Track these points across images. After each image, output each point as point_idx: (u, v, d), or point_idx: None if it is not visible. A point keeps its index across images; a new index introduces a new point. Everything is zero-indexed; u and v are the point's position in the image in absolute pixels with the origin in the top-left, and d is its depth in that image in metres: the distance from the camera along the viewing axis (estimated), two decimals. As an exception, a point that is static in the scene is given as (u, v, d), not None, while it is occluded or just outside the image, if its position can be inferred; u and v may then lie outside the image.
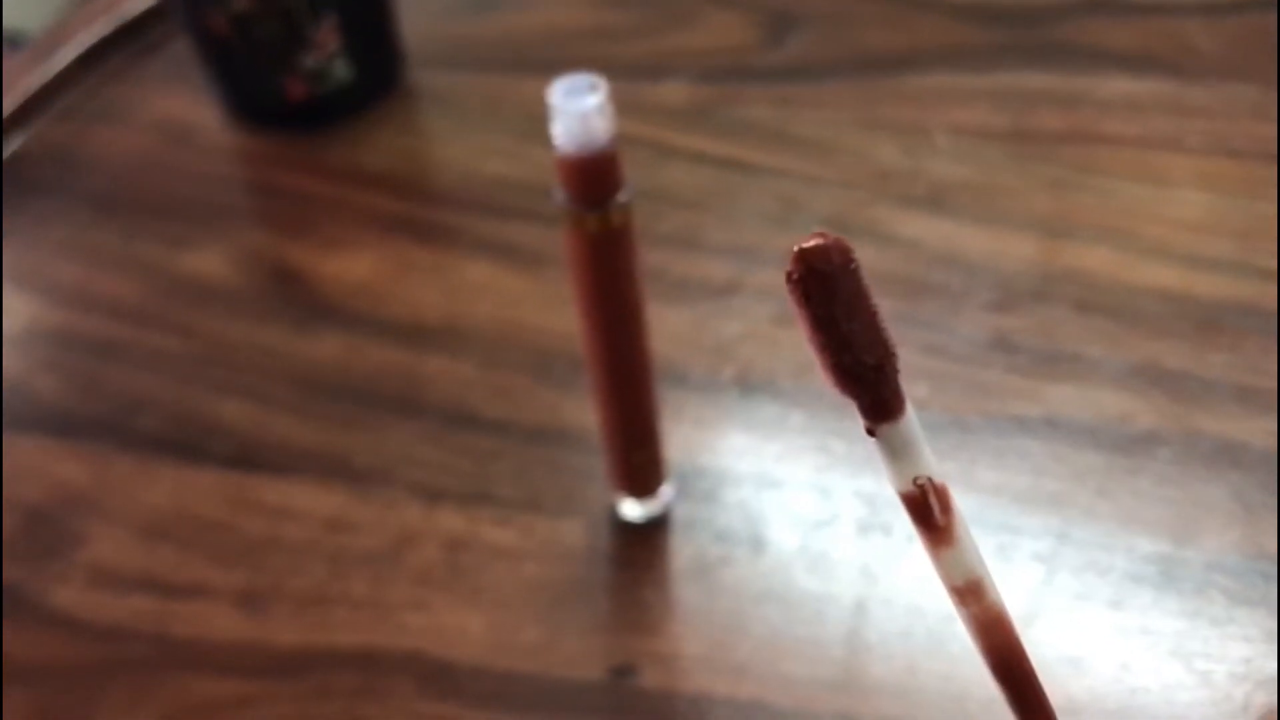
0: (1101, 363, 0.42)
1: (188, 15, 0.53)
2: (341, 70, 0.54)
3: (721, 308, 0.46)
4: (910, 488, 0.21)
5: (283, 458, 0.43)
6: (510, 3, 0.60)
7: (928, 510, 0.22)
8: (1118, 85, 0.52)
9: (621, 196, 0.32)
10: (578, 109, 0.30)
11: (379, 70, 0.55)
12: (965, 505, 0.40)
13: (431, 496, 0.42)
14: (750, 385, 0.43)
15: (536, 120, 0.55)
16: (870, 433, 0.21)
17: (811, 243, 0.19)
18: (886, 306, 0.46)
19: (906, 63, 0.54)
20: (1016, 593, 0.37)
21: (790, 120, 0.52)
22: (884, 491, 0.40)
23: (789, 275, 0.19)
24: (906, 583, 0.38)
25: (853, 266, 0.19)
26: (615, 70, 0.56)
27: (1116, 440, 0.40)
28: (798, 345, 0.44)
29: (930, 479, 0.22)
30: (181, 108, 0.56)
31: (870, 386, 0.21)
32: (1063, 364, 0.43)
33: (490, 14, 0.60)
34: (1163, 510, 0.38)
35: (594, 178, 0.31)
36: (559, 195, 0.32)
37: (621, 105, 0.54)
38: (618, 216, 0.32)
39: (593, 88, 0.30)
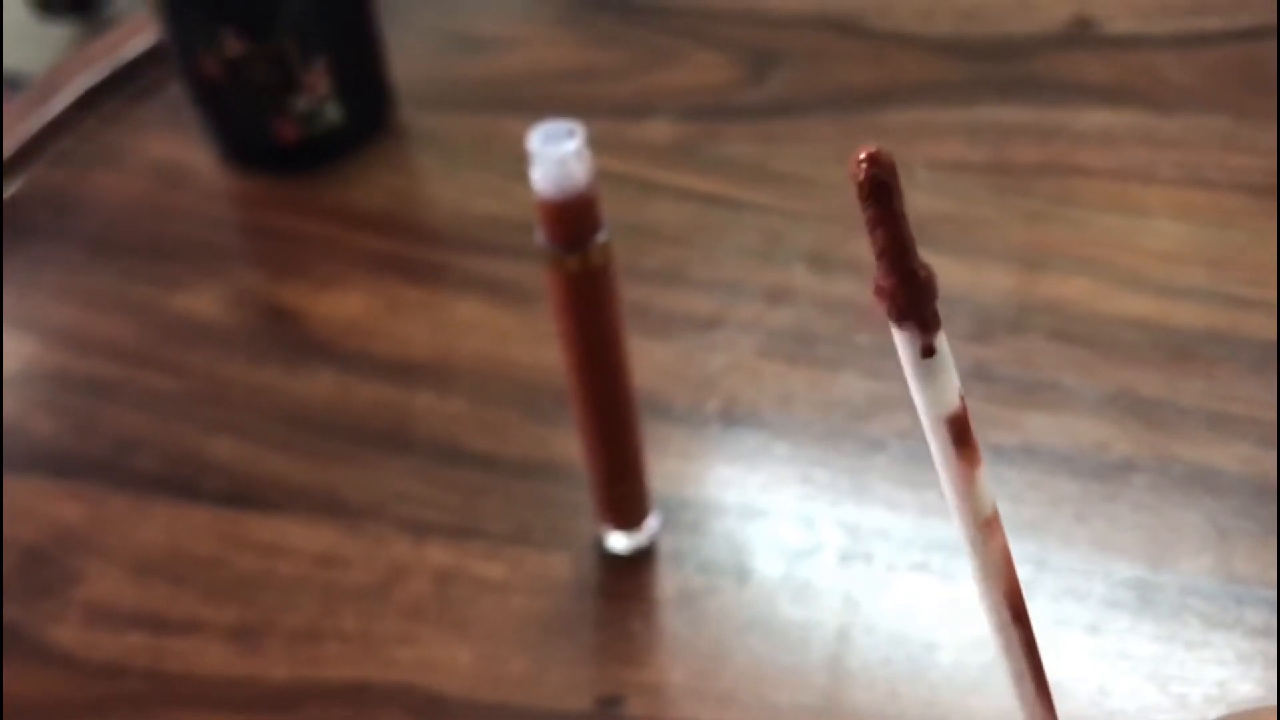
0: (1077, 391, 0.43)
1: (181, 59, 0.54)
2: (332, 112, 0.55)
3: (705, 341, 0.46)
4: (955, 405, 0.22)
5: (275, 495, 0.44)
6: (496, 44, 0.61)
7: (967, 429, 0.22)
8: (1093, 118, 0.53)
9: (600, 237, 0.33)
10: (556, 154, 0.31)
11: (369, 112, 0.56)
12: (943, 537, 0.41)
13: (420, 531, 0.42)
14: (734, 417, 0.44)
15: (524, 159, 0.56)
16: (928, 351, 0.21)
17: (872, 148, 0.20)
18: (868, 338, 0.47)
19: (885, 98, 0.55)
20: (996, 619, 0.38)
21: (772, 156, 0.53)
22: (865, 521, 0.41)
23: (859, 173, 0.20)
24: (888, 610, 0.39)
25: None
26: (600, 109, 0.57)
27: (1093, 468, 0.41)
28: (781, 377, 0.45)
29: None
30: (176, 150, 0.57)
31: (928, 294, 0.21)
32: (1039, 393, 0.43)
33: (477, 55, 0.61)
34: (1139, 536, 0.39)
35: (573, 220, 0.32)
36: (539, 237, 0.33)
37: (606, 143, 0.55)
38: (597, 257, 0.33)
39: (570, 133, 0.31)
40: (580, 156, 0.31)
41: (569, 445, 0.44)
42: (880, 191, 0.20)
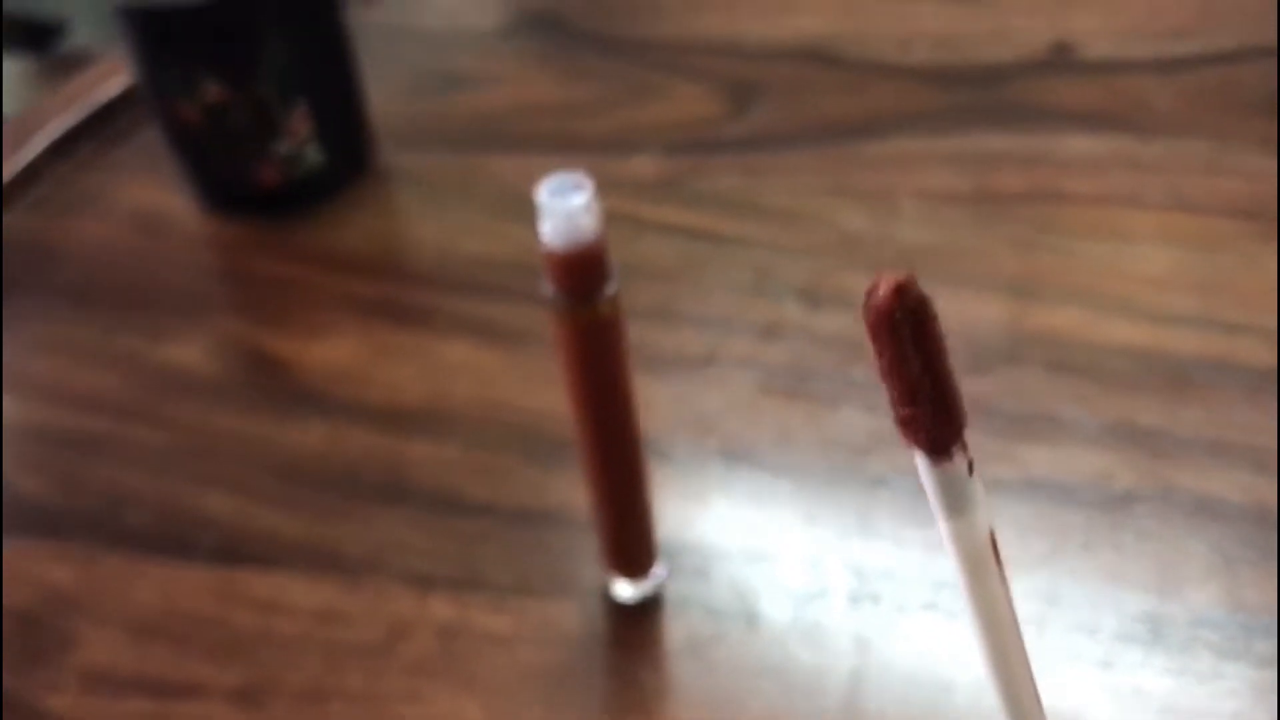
0: (1076, 423, 0.43)
1: (159, 106, 0.53)
2: (313, 155, 0.54)
3: (700, 379, 0.46)
4: (988, 520, 0.21)
5: (271, 550, 0.43)
6: (475, 81, 0.61)
7: (997, 544, 0.22)
8: (1076, 144, 0.53)
9: (609, 289, 0.32)
10: (565, 207, 0.30)
11: (350, 154, 0.56)
12: (950, 575, 0.41)
13: (422, 584, 0.42)
14: (734, 457, 0.44)
15: (509, 198, 0.56)
16: (971, 467, 0.20)
17: (891, 280, 0.18)
18: (864, 372, 0.47)
19: (868, 129, 0.55)
20: (1007, 656, 0.38)
21: (758, 190, 0.53)
22: (872, 560, 0.40)
23: (889, 316, 0.18)
24: (901, 651, 0.38)
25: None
26: (583, 145, 0.57)
27: (1096, 499, 0.41)
28: (780, 414, 0.45)
29: None
30: (153, 196, 0.57)
31: (963, 416, 0.20)
32: (1038, 425, 0.43)
33: (457, 93, 0.60)
34: (1146, 567, 0.39)
35: (582, 272, 0.32)
36: (548, 289, 0.33)
37: (594, 179, 0.55)
38: (606, 308, 0.32)
39: (579, 186, 0.30)
40: (589, 209, 0.30)
41: (567, 490, 0.44)
42: (920, 321, 0.18)
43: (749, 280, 0.50)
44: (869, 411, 0.44)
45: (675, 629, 0.40)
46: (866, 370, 0.46)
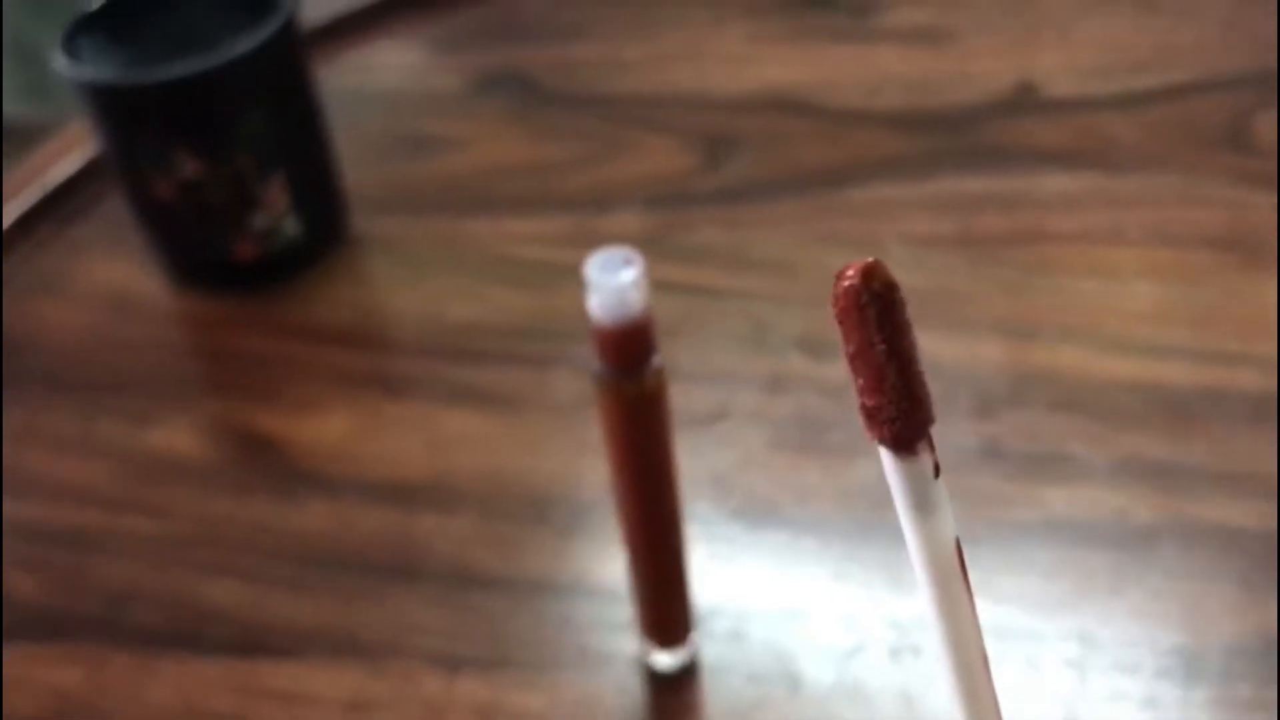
0: (1088, 461, 0.44)
1: (130, 182, 0.52)
2: (291, 227, 0.53)
3: (711, 438, 0.46)
4: (953, 530, 0.21)
5: (287, 639, 0.42)
6: (446, 144, 0.60)
7: (962, 554, 0.22)
8: (1053, 183, 0.54)
9: (655, 362, 0.32)
10: (614, 283, 0.30)
11: (327, 223, 0.55)
12: (986, 621, 0.41)
13: (450, 666, 0.41)
14: (756, 515, 0.43)
15: (490, 260, 0.55)
16: (937, 470, 0.20)
17: (859, 264, 0.19)
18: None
19: (847, 177, 0.55)
20: (1052, 701, 0.38)
21: (745, 242, 0.53)
22: (908, 612, 0.40)
23: (856, 299, 0.19)
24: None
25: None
26: (561, 203, 0.57)
27: (1118, 537, 0.41)
28: (795, 469, 0.45)
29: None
30: (121, 274, 0.55)
31: (931, 410, 0.20)
32: (1051, 465, 0.44)
33: (428, 157, 0.60)
34: (1176, 603, 0.40)
35: (630, 347, 0.31)
36: (594, 364, 0.32)
37: (573, 238, 0.55)
38: (652, 382, 0.32)
39: (628, 261, 0.30)
40: (638, 285, 0.30)
41: (588, 557, 0.43)
42: (888, 302, 0.19)
43: (748, 333, 0.50)
44: (883, 461, 0.44)
45: (717, 697, 0.39)
46: (876, 419, 0.46)
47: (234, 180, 0.50)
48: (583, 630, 0.41)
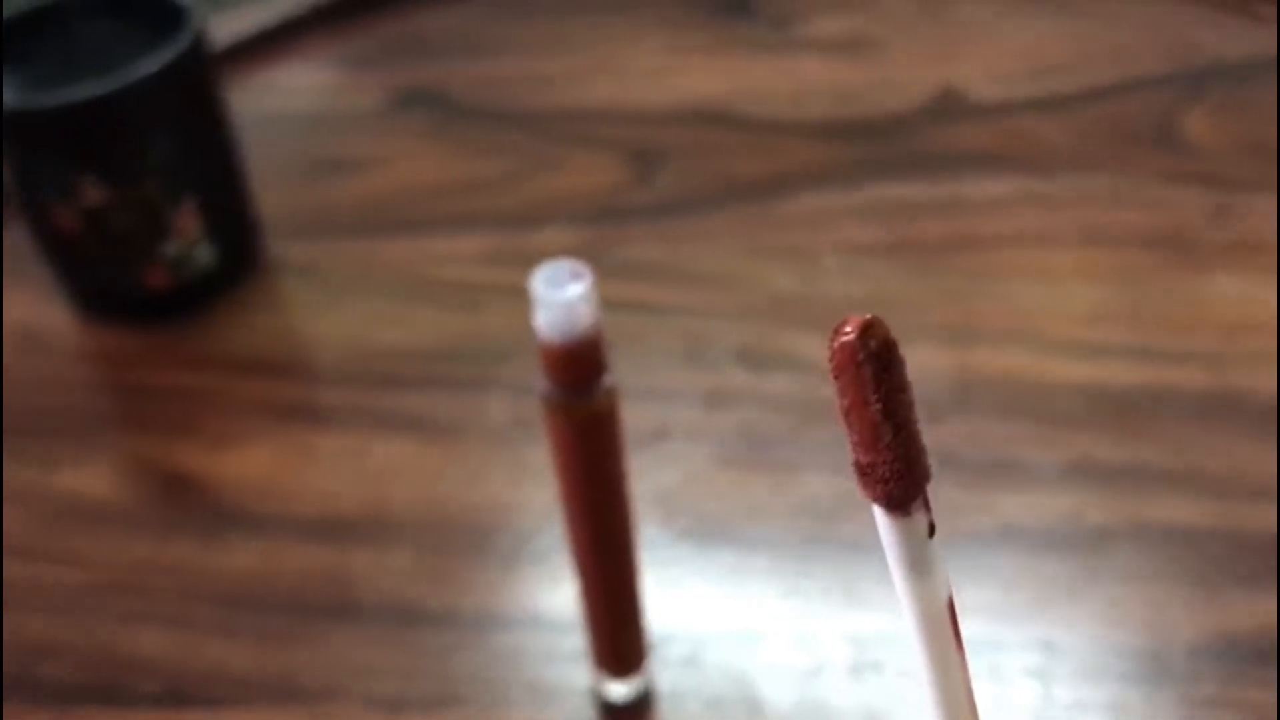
0: (1037, 465, 0.43)
1: (32, 211, 0.49)
2: (204, 254, 0.51)
3: (653, 456, 0.45)
4: (948, 587, 0.21)
5: (219, 687, 0.39)
6: (363, 165, 0.58)
7: (955, 613, 0.21)
8: (984, 187, 0.53)
9: (606, 381, 0.30)
10: (562, 298, 0.29)
11: (241, 250, 0.53)
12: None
13: (393, 707, 0.39)
14: (704, 535, 0.42)
15: (415, 283, 0.53)
16: (932, 530, 0.20)
17: (858, 320, 0.18)
18: (821, 434, 0.46)
19: (777, 187, 0.55)
20: (1018, 711, 0.37)
21: (679, 256, 0.52)
22: (865, 627, 0.39)
23: (852, 356, 0.18)
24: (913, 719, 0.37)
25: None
26: (488, 222, 0.55)
27: (1074, 542, 0.41)
28: (741, 486, 0.44)
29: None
30: (26, 309, 0.52)
31: (927, 468, 0.19)
32: (1001, 472, 0.43)
33: (345, 178, 0.58)
34: (1135, 606, 0.39)
35: (579, 365, 0.30)
36: (542, 384, 0.31)
37: (501, 256, 0.53)
38: (603, 401, 0.31)
39: (575, 275, 0.29)
40: (587, 299, 0.29)
41: (533, 589, 0.41)
42: (888, 358, 0.18)
43: (686, 349, 0.48)
44: (832, 474, 0.43)
45: (675, 725, 0.38)
46: (823, 431, 0.45)
47: (142, 207, 0.48)
48: (532, 663, 0.39)
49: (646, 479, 0.44)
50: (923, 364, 0.47)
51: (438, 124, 0.60)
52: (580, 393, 0.30)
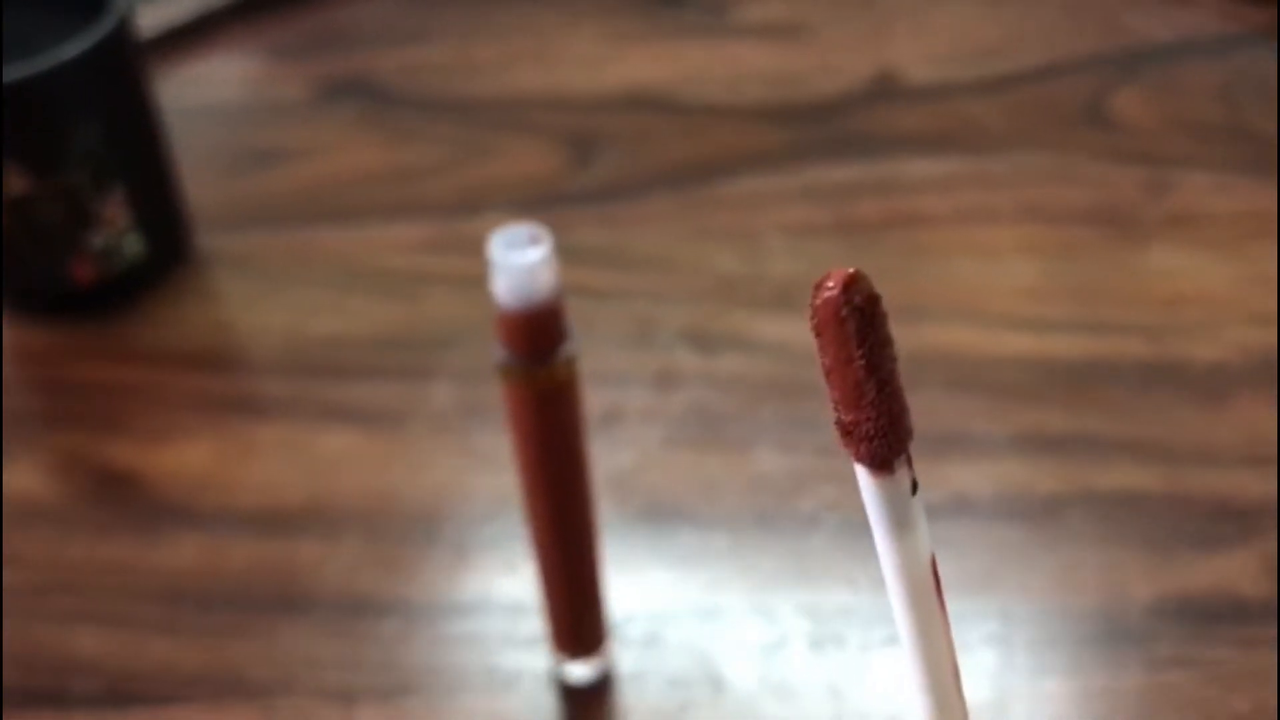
0: (989, 437, 0.43)
1: (-52, 207, 0.47)
2: (133, 245, 0.49)
3: (606, 439, 0.44)
4: (929, 547, 0.20)
5: (164, 686, 0.38)
6: (293, 155, 0.57)
7: (938, 573, 0.21)
8: (922, 168, 0.54)
9: (567, 349, 0.30)
10: (521, 262, 0.28)
11: (170, 241, 0.51)
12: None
13: (347, 699, 0.38)
14: (660, 516, 0.42)
15: (352, 270, 0.52)
16: (915, 487, 0.20)
17: (841, 274, 0.18)
18: (771, 411, 0.46)
19: (717, 171, 0.54)
20: (978, 679, 0.37)
21: (622, 240, 0.52)
22: (824, 602, 0.39)
23: (835, 311, 0.18)
24: (876, 693, 0.37)
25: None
26: (425, 209, 0.54)
27: (1025, 510, 0.41)
28: (695, 465, 0.43)
29: None
30: (-56, 309, 0.50)
31: (909, 424, 0.19)
32: (953, 444, 0.43)
33: (275, 168, 0.56)
34: (1090, 571, 0.39)
35: (539, 332, 0.29)
36: (500, 353, 0.30)
37: (439, 244, 0.52)
38: (563, 371, 0.30)
39: (534, 239, 0.28)
40: (547, 263, 0.28)
41: (487, 573, 0.41)
42: (872, 311, 0.18)
43: (633, 332, 0.48)
44: (785, 451, 0.43)
45: (637, 706, 0.37)
46: (773, 409, 0.45)
47: (68, 197, 0.47)
48: (487, 649, 0.39)
49: (600, 462, 0.43)
50: (870, 341, 0.47)
51: (367, 113, 0.59)
52: (541, 360, 0.29)
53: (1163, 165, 0.52)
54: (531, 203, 0.54)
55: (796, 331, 0.47)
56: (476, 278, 0.50)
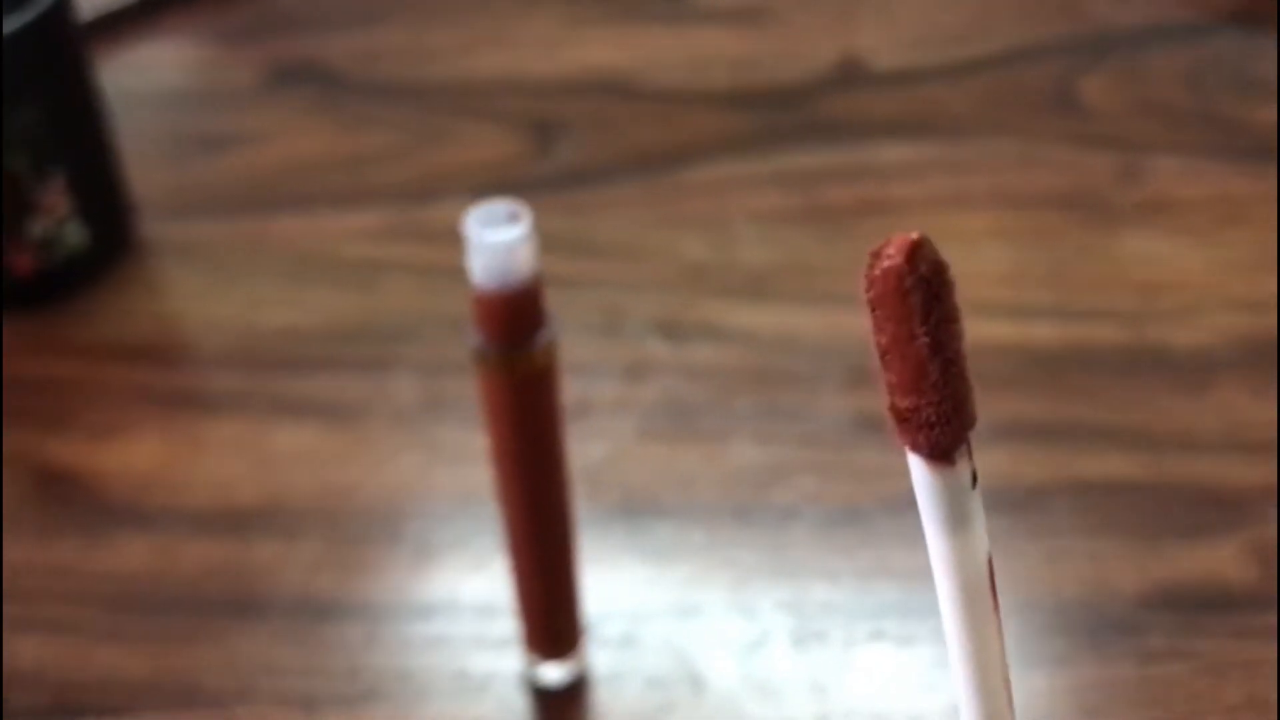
0: (968, 426, 0.42)
1: (-123, 194, 0.45)
2: (74, 235, 0.47)
3: (578, 432, 0.42)
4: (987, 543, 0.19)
5: (113, 695, 0.36)
6: (243, 141, 0.55)
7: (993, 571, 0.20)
8: (891, 153, 0.53)
9: (546, 334, 0.28)
10: (499, 241, 0.26)
11: (113, 230, 0.49)
12: (889, 599, 0.39)
13: (308, 706, 0.36)
14: (636, 509, 0.40)
15: (307, 261, 0.50)
16: (975, 479, 0.18)
17: (904, 240, 0.16)
18: (746, 402, 0.44)
19: (683, 156, 0.53)
20: (967, 676, 0.36)
21: (588, 228, 0.50)
22: (806, 598, 0.38)
23: (898, 282, 0.16)
24: (861, 690, 0.36)
25: None
26: (381, 196, 0.52)
27: (1010, 500, 0.40)
28: (670, 458, 0.42)
29: None
30: (-128, 302, 0.48)
31: (973, 401, 0.17)
32: (932, 433, 0.42)
33: (224, 155, 0.54)
34: (1076, 561, 0.38)
35: (517, 316, 0.28)
36: (476, 338, 0.28)
37: (397, 232, 0.51)
38: (542, 357, 0.28)
39: (513, 216, 0.26)
40: (526, 243, 0.27)
41: (454, 572, 0.39)
42: (940, 280, 0.16)
43: (602, 322, 0.46)
44: (760, 442, 0.42)
45: (614, 707, 0.36)
46: (747, 400, 0.43)
47: (4, 184, 0.44)
48: (456, 651, 0.37)
49: (572, 455, 0.42)
50: (842, 328, 0.46)
51: (319, 98, 0.57)
52: (519, 345, 0.28)
53: (1133, 150, 0.52)
54: (492, 189, 0.51)
55: (769, 320, 0.46)
56: (436, 266, 0.49)
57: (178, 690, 0.36)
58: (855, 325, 0.46)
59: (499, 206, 0.27)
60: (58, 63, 0.45)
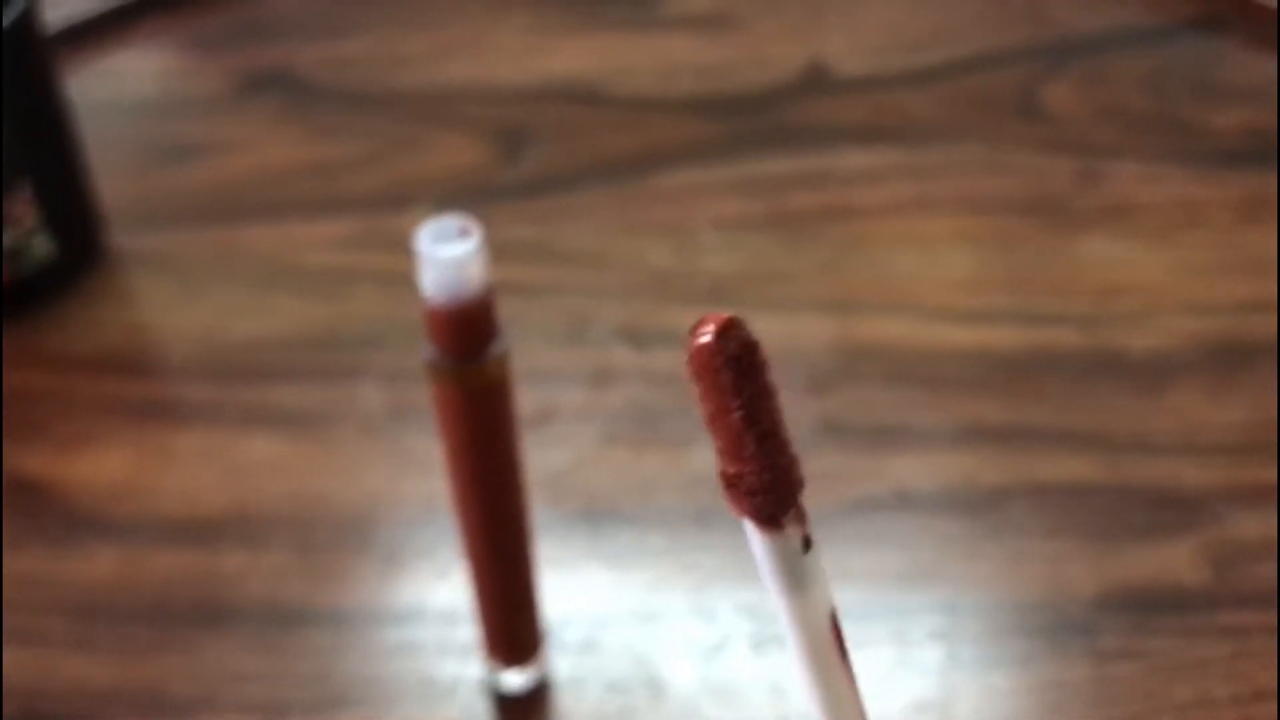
0: (929, 430, 0.43)
1: None
2: (42, 246, 0.47)
3: (541, 439, 0.43)
4: (831, 599, 0.19)
5: (79, 705, 0.36)
6: (212, 150, 0.55)
7: (840, 625, 0.20)
8: (855, 159, 0.53)
9: (498, 346, 0.29)
10: (450, 256, 0.27)
11: (82, 241, 0.49)
12: (847, 601, 0.40)
13: (275, 713, 0.36)
14: (597, 515, 0.41)
15: (275, 270, 0.51)
16: (808, 544, 0.19)
17: (715, 320, 0.17)
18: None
19: (650, 164, 0.53)
20: (925, 674, 0.36)
21: (553, 235, 0.50)
22: (766, 601, 0.38)
23: (709, 360, 0.16)
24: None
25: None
26: (349, 204, 0.53)
27: (969, 503, 0.41)
28: (632, 464, 0.42)
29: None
30: None
31: (800, 479, 0.18)
32: (892, 437, 0.43)
33: (190, 165, 0.54)
34: (1034, 563, 0.39)
35: (469, 329, 0.28)
36: (429, 351, 0.29)
37: (364, 240, 0.51)
38: (495, 369, 0.29)
39: (464, 231, 0.27)
40: (477, 258, 0.27)
41: (419, 580, 0.39)
42: (751, 359, 0.17)
43: (567, 329, 0.47)
44: (723, 448, 0.42)
45: (575, 712, 0.36)
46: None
47: (-27, 194, 0.44)
48: (421, 658, 0.37)
49: (535, 461, 0.42)
50: (805, 334, 0.46)
51: (287, 107, 0.57)
52: (471, 358, 0.28)
53: (1094, 155, 0.52)
54: (459, 197, 0.52)
55: (732, 326, 0.47)
56: (403, 275, 0.49)
57: (145, 699, 0.36)
58: (818, 331, 0.46)
59: (450, 221, 0.27)
60: (24, 73, 0.45)
